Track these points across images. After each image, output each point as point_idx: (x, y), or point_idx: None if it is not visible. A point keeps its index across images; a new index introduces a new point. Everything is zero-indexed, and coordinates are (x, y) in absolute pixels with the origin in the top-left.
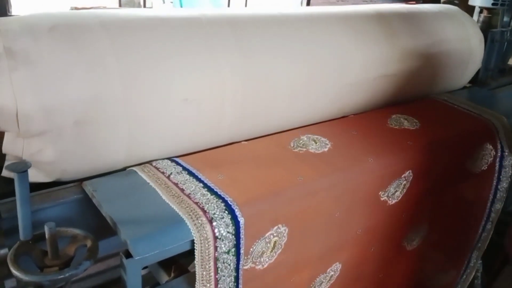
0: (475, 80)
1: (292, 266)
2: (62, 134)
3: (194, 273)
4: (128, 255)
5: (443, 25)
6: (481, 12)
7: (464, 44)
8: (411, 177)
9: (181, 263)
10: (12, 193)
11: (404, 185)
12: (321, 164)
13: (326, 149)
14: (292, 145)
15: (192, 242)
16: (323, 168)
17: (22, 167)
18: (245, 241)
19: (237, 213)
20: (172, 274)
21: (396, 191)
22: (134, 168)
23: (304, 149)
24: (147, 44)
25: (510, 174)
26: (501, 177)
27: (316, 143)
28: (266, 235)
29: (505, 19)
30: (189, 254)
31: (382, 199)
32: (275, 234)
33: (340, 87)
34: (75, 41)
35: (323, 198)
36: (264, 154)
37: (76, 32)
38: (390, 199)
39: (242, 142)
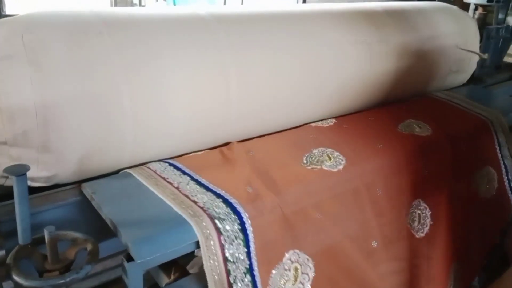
0: (471, 77)
1: None
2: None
3: (195, 275)
4: (130, 258)
5: (441, 23)
6: (476, 9)
7: (461, 42)
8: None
9: (181, 264)
10: (11, 196)
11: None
12: None
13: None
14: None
15: (195, 243)
16: None
17: (20, 170)
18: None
19: (239, 209)
20: (172, 276)
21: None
22: (128, 171)
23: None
24: (151, 43)
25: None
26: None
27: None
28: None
29: (500, 16)
30: (188, 254)
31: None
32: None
33: (335, 84)
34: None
35: None
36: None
37: (79, 31)
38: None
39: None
